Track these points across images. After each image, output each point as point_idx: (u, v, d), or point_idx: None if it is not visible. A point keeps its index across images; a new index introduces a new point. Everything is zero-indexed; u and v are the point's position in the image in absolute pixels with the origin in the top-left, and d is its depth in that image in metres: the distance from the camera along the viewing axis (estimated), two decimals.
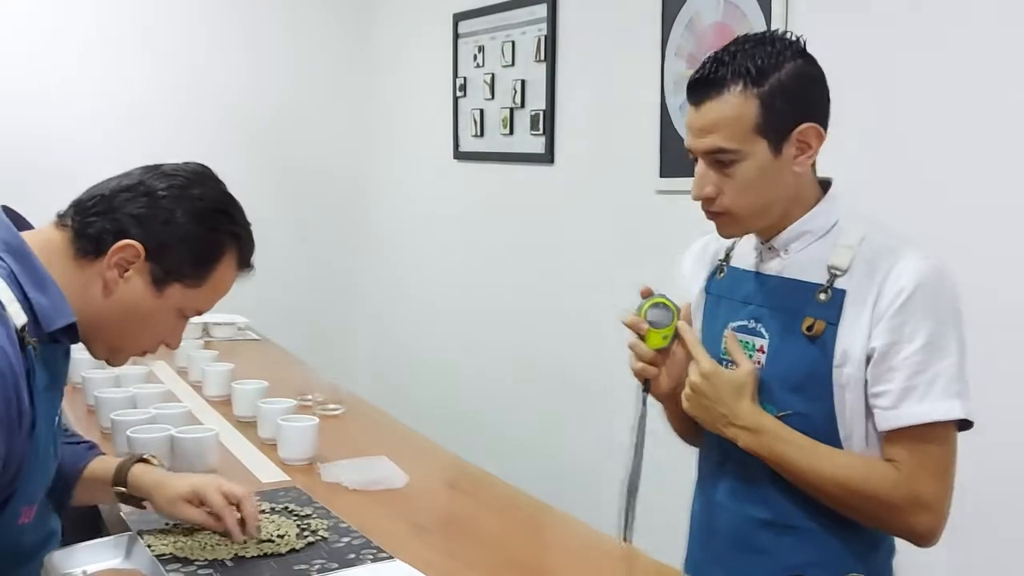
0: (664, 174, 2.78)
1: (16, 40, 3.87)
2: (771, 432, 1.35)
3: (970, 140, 1.99)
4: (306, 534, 1.49)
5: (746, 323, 1.43)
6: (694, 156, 1.37)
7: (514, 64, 3.48)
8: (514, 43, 3.47)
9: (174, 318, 1.34)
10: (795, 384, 1.36)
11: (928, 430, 1.29)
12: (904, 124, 2.12)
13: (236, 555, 1.40)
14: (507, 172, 3.58)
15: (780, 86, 1.31)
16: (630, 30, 2.92)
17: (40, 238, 1.25)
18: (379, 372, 4.40)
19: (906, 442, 1.30)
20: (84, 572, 1.33)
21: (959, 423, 1.31)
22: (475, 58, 3.71)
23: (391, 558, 1.42)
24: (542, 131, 3.34)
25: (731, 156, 1.32)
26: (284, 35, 4.40)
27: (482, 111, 3.69)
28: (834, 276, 1.34)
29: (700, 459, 1.56)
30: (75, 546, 1.41)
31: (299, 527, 1.52)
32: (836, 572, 1.36)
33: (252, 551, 1.41)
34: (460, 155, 3.89)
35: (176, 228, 1.27)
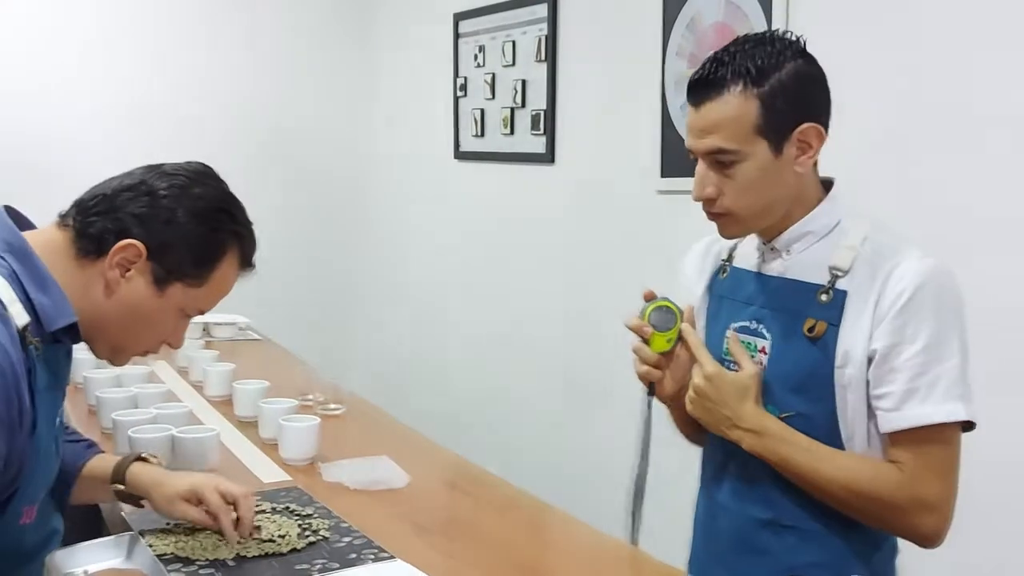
0: (665, 174, 2.78)
1: (16, 40, 3.87)
2: (775, 434, 1.34)
3: (970, 140, 1.99)
4: (307, 534, 1.49)
5: (748, 324, 1.43)
6: (695, 157, 1.37)
7: (515, 64, 3.47)
8: (515, 43, 3.47)
9: (176, 318, 1.33)
10: (797, 385, 1.36)
11: (931, 431, 1.29)
12: (904, 124, 2.12)
13: (238, 555, 1.40)
14: (508, 172, 3.58)
15: (780, 86, 1.30)
16: (631, 30, 2.92)
17: (42, 238, 1.25)
18: (379, 372, 4.40)
19: (909, 444, 1.30)
20: (85, 572, 1.33)
21: (962, 424, 1.31)
22: (476, 58, 3.71)
23: (392, 558, 1.42)
24: (543, 131, 3.34)
25: (732, 157, 1.32)
26: (284, 35, 4.40)
27: (483, 111, 3.69)
28: (836, 277, 1.34)
29: (703, 460, 1.56)
30: (76, 546, 1.41)
31: (300, 527, 1.52)
32: (838, 572, 1.36)
33: (253, 551, 1.42)
34: (461, 155, 3.88)
35: (177, 227, 1.27)
